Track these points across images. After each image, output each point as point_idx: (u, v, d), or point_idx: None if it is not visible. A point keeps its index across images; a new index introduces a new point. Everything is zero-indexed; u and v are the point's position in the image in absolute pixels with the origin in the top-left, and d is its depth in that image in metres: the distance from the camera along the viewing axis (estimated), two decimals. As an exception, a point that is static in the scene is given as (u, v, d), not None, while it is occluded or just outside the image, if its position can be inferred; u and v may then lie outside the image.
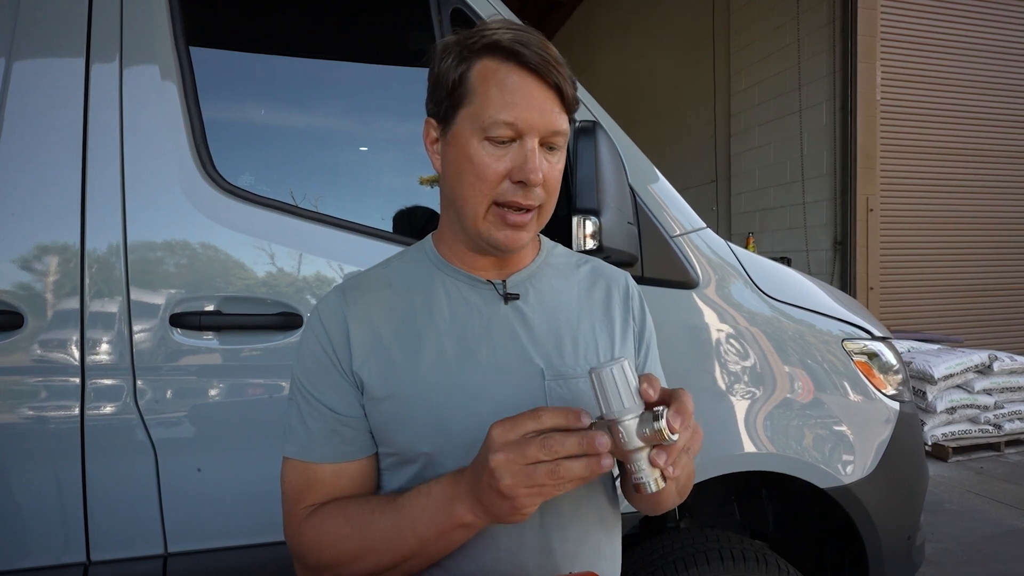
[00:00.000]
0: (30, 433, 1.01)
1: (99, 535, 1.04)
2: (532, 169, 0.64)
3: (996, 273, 5.89)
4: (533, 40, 0.65)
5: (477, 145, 0.66)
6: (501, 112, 0.64)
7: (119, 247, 1.05)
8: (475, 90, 0.66)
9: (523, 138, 0.65)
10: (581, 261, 0.84)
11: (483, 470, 0.57)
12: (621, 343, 0.79)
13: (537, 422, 0.56)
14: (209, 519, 1.09)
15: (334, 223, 1.17)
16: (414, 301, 0.73)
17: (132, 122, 1.08)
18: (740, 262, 1.42)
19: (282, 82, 1.27)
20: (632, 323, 0.81)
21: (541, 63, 0.64)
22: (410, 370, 0.69)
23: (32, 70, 1.05)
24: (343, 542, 0.65)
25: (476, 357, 0.71)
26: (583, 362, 0.74)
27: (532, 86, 0.65)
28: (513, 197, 0.66)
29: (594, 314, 0.79)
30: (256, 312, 1.12)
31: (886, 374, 1.50)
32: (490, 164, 0.65)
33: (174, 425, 1.07)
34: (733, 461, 1.32)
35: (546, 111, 0.65)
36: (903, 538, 1.47)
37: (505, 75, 0.65)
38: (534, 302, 0.76)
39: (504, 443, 0.55)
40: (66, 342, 1.02)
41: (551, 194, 0.69)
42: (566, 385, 0.72)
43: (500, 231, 0.68)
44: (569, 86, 0.67)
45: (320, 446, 0.70)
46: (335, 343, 0.70)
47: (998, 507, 3.19)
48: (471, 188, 0.67)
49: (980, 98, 5.71)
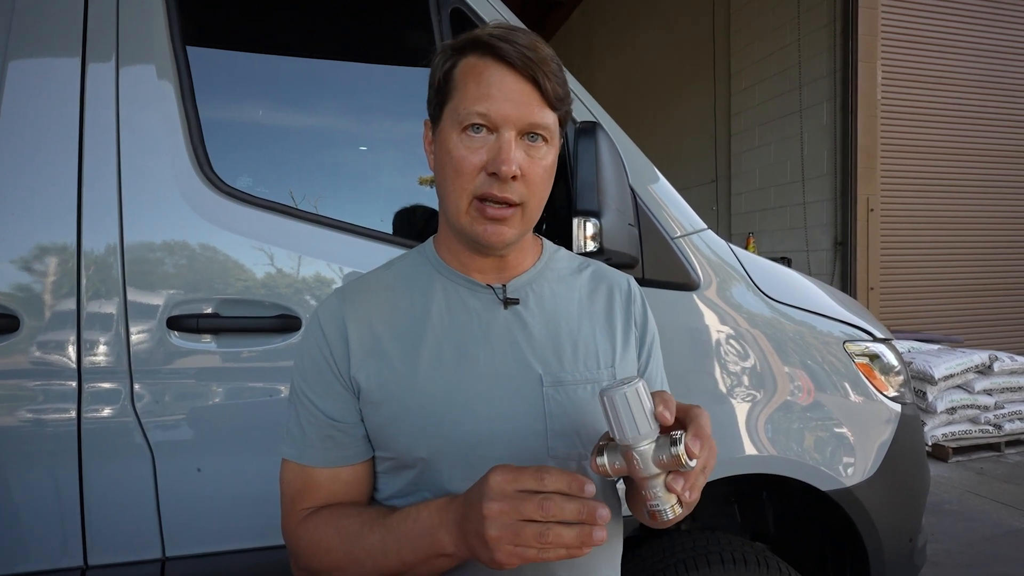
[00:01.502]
0: (27, 437, 1.01)
1: (97, 539, 1.03)
2: (504, 160, 0.63)
3: (997, 273, 5.89)
4: (519, 38, 0.65)
5: (456, 139, 0.66)
6: (476, 104, 0.64)
7: (116, 250, 1.04)
8: (456, 86, 0.66)
9: (499, 130, 0.65)
10: (584, 265, 0.83)
11: (474, 512, 0.56)
12: (623, 349, 0.78)
13: (539, 483, 0.54)
14: (207, 523, 1.09)
15: (332, 225, 1.16)
16: (413, 304, 0.73)
17: (129, 122, 1.07)
18: (741, 263, 1.41)
19: (280, 82, 1.26)
20: (634, 328, 0.80)
21: (519, 57, 0.64)
22: (408, 374, 0.69)
23: (28, 70, 1.04)
24: (332, 552, 0.65)
25: (474, 362, 0.70)
26: (583, 368, 0.73)
27: (508, 79, 0.64)
28: (489, 189, 0.65)
29: (595, 319, 0.78)
30: (254, 315, 1.11)
31: (887, 376, 1.49)
32: (466, 156, 0.65)
33: (171, 428, 1.07)
34: (734, 464, 1.31)
35: (522, 103, 0.64)
36: (905, 540, 1.47)
37: (483, 69, 0.65)
38: (534, 307, 0.75)
39: (502, 493, 0.54)
40: (62, 345, 1.01)
41: (534, 191, 0.68)
42: (564, 392, 0.72)
43: (480, 225, 0.67)
44: (551, 82, 0.66)
45: (315, 451, 0.70)
46: (333, 348, 0.70)
47: (998, 508, 3.19)
48: (451, 182, 0.67)
49: (981, 98, 5.70)
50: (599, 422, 0.70)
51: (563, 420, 0.70)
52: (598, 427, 0.71)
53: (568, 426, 0.71)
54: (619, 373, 0.76)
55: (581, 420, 0.71)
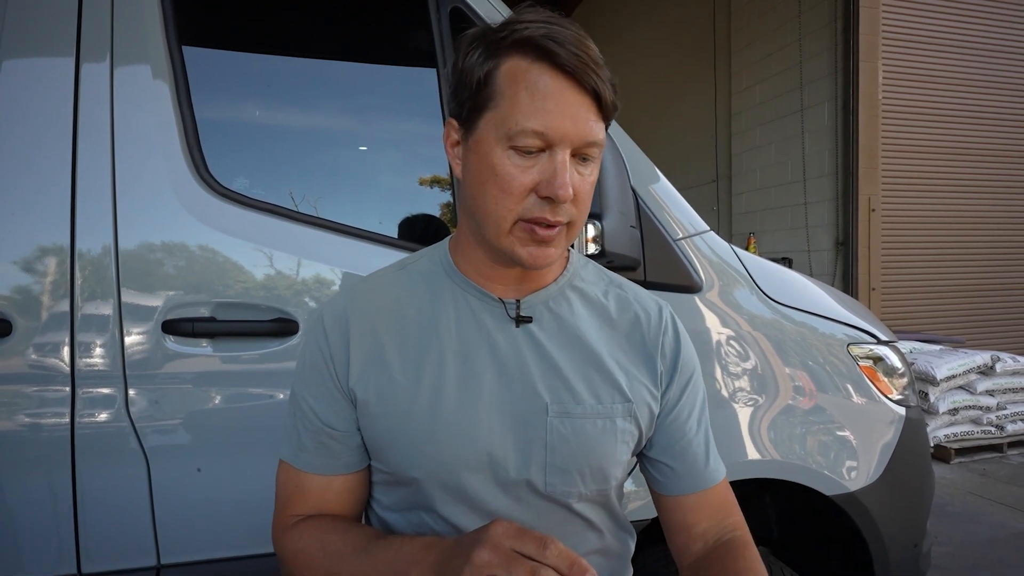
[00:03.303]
0: (20, 442, 0.99)
1: (90, 546, 1.02)
2: (561, 184, 0.57)
3: (999, 273, 5.87)
4: (569, 36, 0.58)
5: (501, 154, 0.59)
6: (530, 119, 0.57)
7: (110, 252, 1.02)
8: (502, 92, 0.59)
9: (553, 149, 0.59)
10: (613, 285, 0.77)
11: (461, 555, 0.52)
12: (639, 383, 0.71)
13: (540, 552, 0.49)
14: (202, 530, 1.07)
15: (330, 227, 1.14)
16: (421, 313, 0.69)
17: (123, 123, 1.05)
18: (744, 265, 1.40)
19: (277, 82, 1.24)
20: (661, 361, 0.73)
21: (578, 64, 0.57)
22: (408, 390, 0.66)
23: (20, 69, 1.02)
24: (315, 566, 0.64)
25: (478, 383, 0.66)
26: (594, 401, 0.68)
27: (566, 90, 0.58)
28: (540, 213, 0.59)
29: (616, 348, 0.71)
30: (251, 319, 1.09)
31: (891, 378, 1.48)
32: (516, 176, 0.59)
33: (166, 433, 1.05)
34: (737, 468, 1.30)
35: (580, 119, 0.58)
36: (910, 545, 1.45)
37: (536, 77, 0.58)
38: (550, 327, 0.70)
39: (497, 547, 0.50)
40: (56, 349, 1.00)
41: (582, 209, 0.63)
42: (571, 425, 0.66)
43: (524, 248, 0.62)
44: (608, 91, 0.60)
45: (309, 455, 0.68)
46: (334, 352, 0.67)
47: (1001, 509, 3.17)
48: (494, 202, 0.60)
49: (983, 97, 5.68)
50: (604, 461, 0.67)
51: (564, 455, 0.66)
52: (603, 466, 0.67)
53: (570, 462, 0.66)
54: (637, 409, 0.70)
55: (584, 458, 0.66)
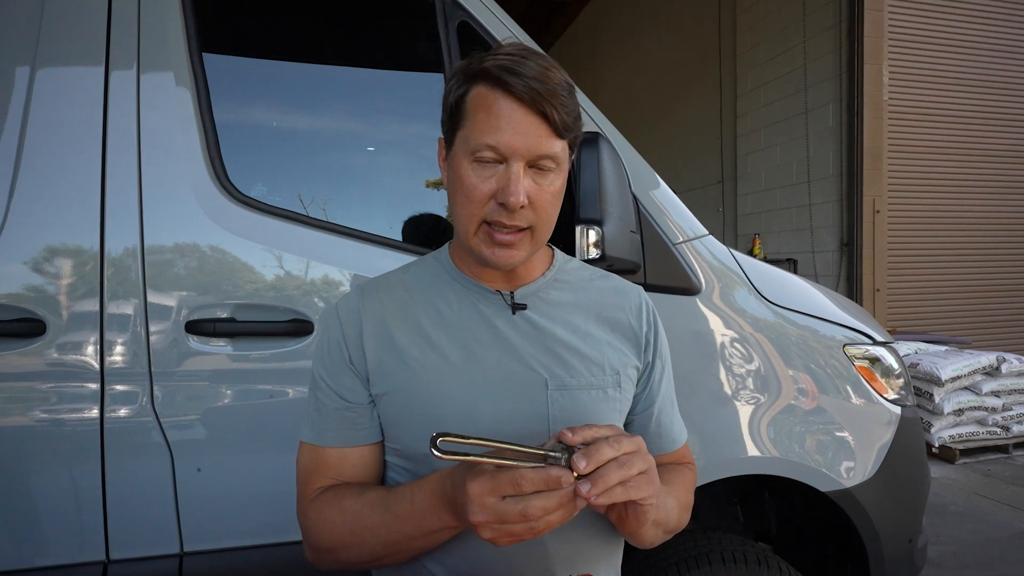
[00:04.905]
0: (52, 436, 1.05)
1: (118, 534, 1.07)
2: (512, 192, 0.67)
3: (1004, 274, 5.86)
4: (529, 69, 0.66)
5: (467, 166, 0.69)
6: (486, 135, 0.67)
7: (136, 255, 1.08)
8: (468, 114, 0.69)
9: (508, 161, 0.68)
10: (595, 276, 0.87)
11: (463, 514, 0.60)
12: (630, 357, 0.81)
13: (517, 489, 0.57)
14: (224, 519, 1.12)
15: (347, 233, 1.19)
16: (427, 306, 0.78)
17: (148, 129, 1.10)
18: (742, 268, 1.43)
19: (294, 91, 1.29)
20: (642, 339, 0.83)
21: (526, 91, 0.66)
22: (417, 371, 0.73)
23: (54, 77, 1.08)
24: (338, 530, 0.70)
25: (481, 364, 0.74)
26: (587, 375, 0.77)
27: (517, 112, 0.67)
28: (497, 217, 0.69)
29: (603, 328, 0.81)
30: (268, 319, 1.15)
31: (888, 378, 1.51)
32: (476, 185, 0.69)
33: (190, 428, 1.11)
34: (736, 464, 1.33)
35: (530, 136, 0.67)
36: (904, 541, 1.49)
37: (492, 101, 0.67)
38: (543, 313, 0.79)
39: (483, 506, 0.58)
40: (86, 348, 1.06)
41: (542, 216, 0.71)
42: (569, 396, 0.75)
43: (488, 248, 0.71)
44: (559, 112, 0.67)
45: (330, 432, 0.75)
46: (349, 341, 0.75)
47: (1005, 510, 3.18)
48: (462, 207, 0.71)
49: (988, 98, 5.67)
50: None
51: (566, 423, 0.73)
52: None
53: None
54: (623, 380, 0.79)
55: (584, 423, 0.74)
